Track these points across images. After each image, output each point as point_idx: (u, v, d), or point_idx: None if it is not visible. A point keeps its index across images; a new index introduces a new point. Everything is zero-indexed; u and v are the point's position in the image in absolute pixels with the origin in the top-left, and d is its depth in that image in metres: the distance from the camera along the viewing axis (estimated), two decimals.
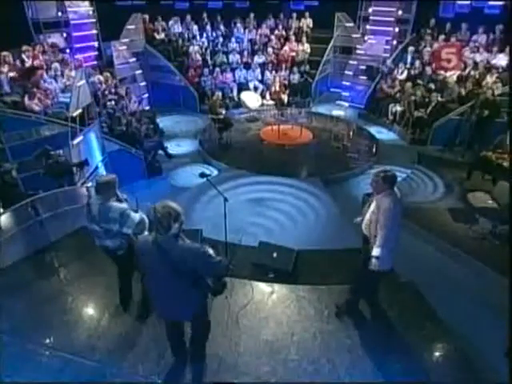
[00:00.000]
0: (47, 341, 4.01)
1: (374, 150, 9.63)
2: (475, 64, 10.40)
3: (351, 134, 10.53)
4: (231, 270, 3.01)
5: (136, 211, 3.92)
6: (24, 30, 10.27)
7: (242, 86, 12.34)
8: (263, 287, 4.91)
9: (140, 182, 7.98)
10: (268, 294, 4.79)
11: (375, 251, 3.80)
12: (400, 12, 12.41)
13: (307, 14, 13.96)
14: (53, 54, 9.34)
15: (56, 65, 8.80)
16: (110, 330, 4.18)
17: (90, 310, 4.52)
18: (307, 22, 13.88)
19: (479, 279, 5.28)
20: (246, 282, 4.94)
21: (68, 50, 10.94)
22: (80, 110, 6.77)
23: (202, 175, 5.16)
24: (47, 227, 5.56)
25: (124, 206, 3.74)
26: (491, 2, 11.23)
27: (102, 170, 7.57)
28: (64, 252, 5.49)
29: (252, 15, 13.99)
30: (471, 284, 5.16)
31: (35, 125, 7.26)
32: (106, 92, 9.30)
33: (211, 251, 2.91)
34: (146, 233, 3.98)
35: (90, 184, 6.81)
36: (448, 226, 6.53)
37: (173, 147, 9.57)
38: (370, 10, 12.83)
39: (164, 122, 11.04)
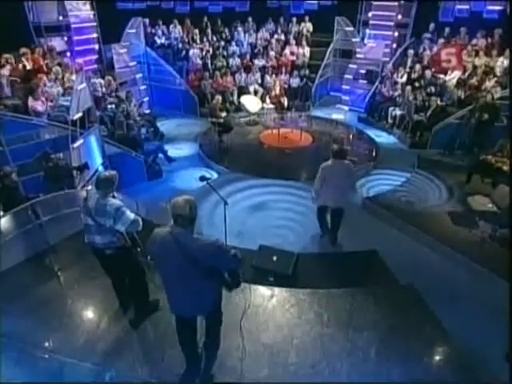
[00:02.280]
0: (46, 344, 4.00)
1: (373, 153, 9.65)
2: (474, 68, 10.43)
3: (351, 137, 10.55)
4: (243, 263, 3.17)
5: (136, 214, 3.96)
6: (26, 33, 10.32)
7: (242, 90, 12.36)
8: (263, 291, 4.89)
9: (140, 185, 8.00)
10: (268, 297, 4.78)
11: None
12: (399, 16, 12.45)
13: (307, 17, 14.02)
14: (51, 57, 9.32)
15: (57, 68, 8.81)
16: (109, 332, 4.17)
17: (89, 313, 4.52)
18: (307, 26, 13.94)
19: (479, 282, 5.29)
20: (245, 286, 4.90)
21: (69, 54, 10.98)
22: (80, 114, 6.77)
23: (202, 179, 5.15)
24: (47, 230, 5.55)
25: (120, 203, 3.76)
26: (490, 7, 11.28)
27: None
28: (64, 255, 5.50)
29: (251, 19, 14.04)
30: (471, 287, 5.18)
31: (35, 128, 7.34)
32: (107, 95, 9.32)
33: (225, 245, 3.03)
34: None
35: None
36: (448, 229, 6.52)
37: (173, 150, 9.56)
38: (370, 14, 12.87)
39: (164, 125, 11.10)
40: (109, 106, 8.94)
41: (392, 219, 6.85)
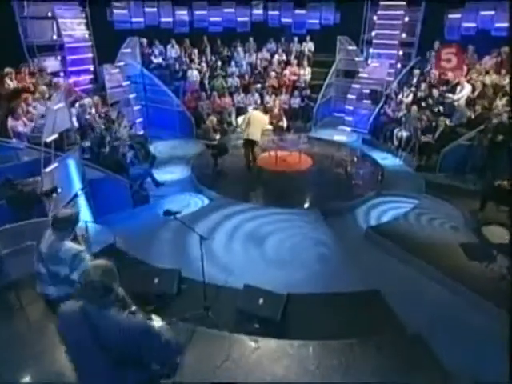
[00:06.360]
0: None
1: (378, 177, 9.05)
2: (484, 86, 9.89)
3: (354, 160, 9.98)
4: (183, 353, 2.47)
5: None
6: (19, 53, 10.05)
7: (241, 111, 11.90)
8: (246, 341, 4.20)
9: (125, 212, 7.43)
10: (251, 349, 4.08)
11: None
12: (404, 35, 12.12)
13: (308, 37, 13.75)
14: (40, 77, 8.98)
15: (43, 87, 8.43)
16: None
17: (56, 355, 3.81)
18: (308, 46, 13.65)
19: (497, 326, 4.53)
20: (224, 335, 4.25)
21: (62, 74, 10.68)
22: (56, 135, 6.26)
23: (167, 213, 4.46)
24: (7, 264, 4.96)
25: (80, 247, 3.26)
26: (498, 24, 10.81)
27: (81, 199, 7.03)
28: (27, 291, 4.87)
29: (252, 39, 13.77)
30: (488, 332, 4.41)
31: (14, 150, 6.95)
32: (96, 116, 8.88)
33: (159, 327, 2.29)
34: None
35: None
36: (461, 263, 5.84)
37: (164, 174, 9.06)
38: (373, 33, 12.52)
39: (158, 147, 10.63)
40: (97, 127, 8.47)
41: (398, 252, 6.17)
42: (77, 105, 8.55)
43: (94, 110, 8.97)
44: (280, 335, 4.34)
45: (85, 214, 6.98)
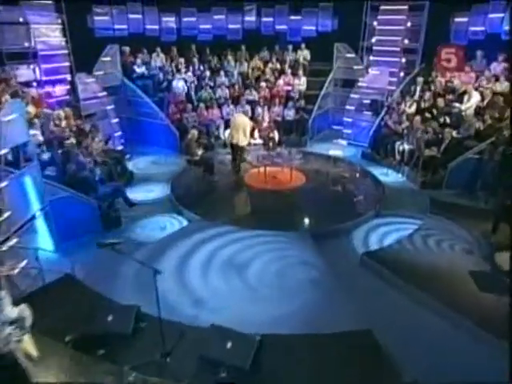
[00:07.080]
0: None
1: (378, 195, 8.25)
2: (494, 95, 9.14)
3: (352, 176, 9.24)
4: None
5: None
6: None
7: (230, 123, 11.13)
8: None
9: (92, 236, 6.58)
10: None
11: None
12: (406, 41, 11.37)
13: (304, 45, 13.11)
14: (7, 86, 8.26)
15: (7, 98, 7.69)
16: None
17: None
18: (304, 54, 12.97)
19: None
20: None
21: (35, 84, 9.96)
22: (6, 150, 5.47)
23: (101, 245, 3.75)
24: None
25: None
26: (508, 27, 10.05)
27: (40, 222, 6.21)
28: None
29: (244, 47, 13.11)
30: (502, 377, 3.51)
31: None
32: (66, 129, 8.12)
33: None
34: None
35: (14, 241, 5.43)
36: (470, 295, 5.11)
37: (142, 192, 8.27)
38: (373, 39, 11.79)
39: (139, 163, 9.94)
40: (66, 141, 7.69)
41: (397, 282, 5.39)
42: (41, 116, 7.80)
43: (64, 123, 8.19)
44: None
45: (43, 240, 6.24)
